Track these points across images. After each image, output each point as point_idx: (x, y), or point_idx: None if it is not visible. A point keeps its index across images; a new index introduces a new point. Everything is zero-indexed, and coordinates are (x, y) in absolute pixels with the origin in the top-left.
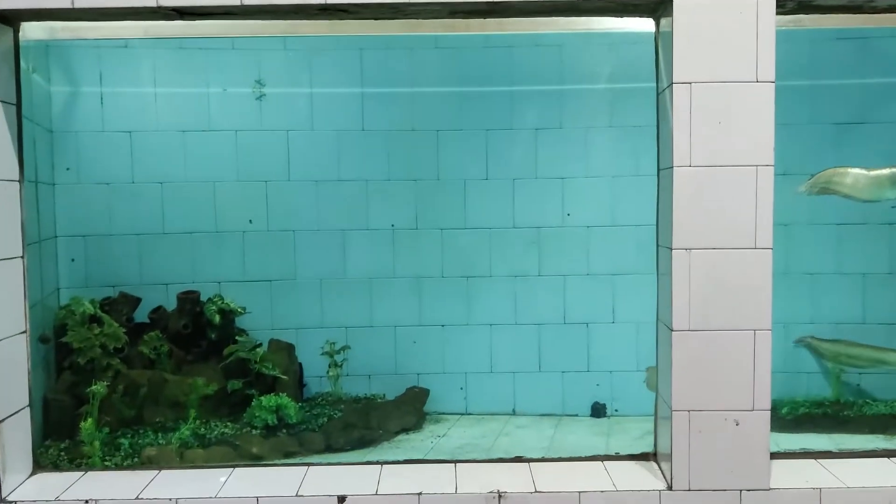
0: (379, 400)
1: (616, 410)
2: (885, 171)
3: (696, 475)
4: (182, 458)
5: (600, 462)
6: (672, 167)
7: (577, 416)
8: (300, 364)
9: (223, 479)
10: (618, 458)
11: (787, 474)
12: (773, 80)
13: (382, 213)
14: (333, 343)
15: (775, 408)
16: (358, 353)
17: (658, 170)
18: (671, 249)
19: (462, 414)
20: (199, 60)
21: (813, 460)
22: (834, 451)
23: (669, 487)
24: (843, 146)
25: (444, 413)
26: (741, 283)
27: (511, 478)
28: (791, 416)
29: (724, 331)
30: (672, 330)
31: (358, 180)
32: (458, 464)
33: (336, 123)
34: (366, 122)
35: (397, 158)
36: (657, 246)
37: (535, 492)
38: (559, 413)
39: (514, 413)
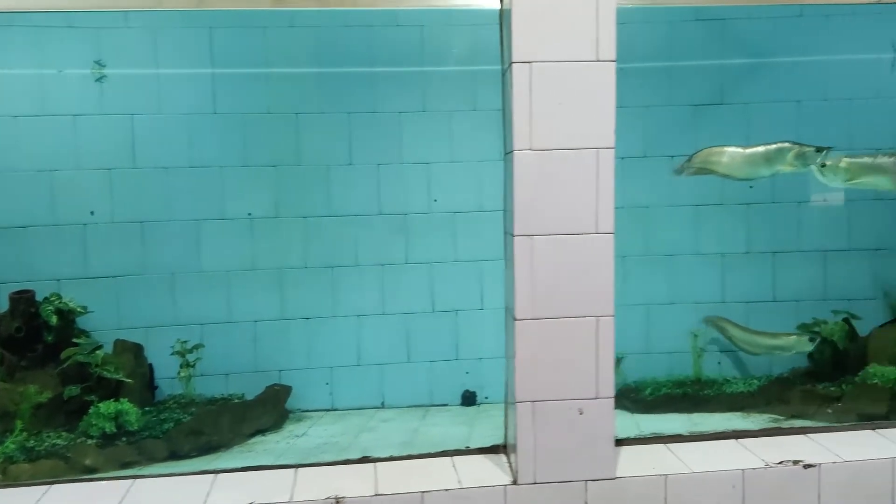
0: (236, 400)
1: (486, 398)
2: (760, 149)
3: (541, 468)
4: (5, 475)
5: (450, 458)
6: (513, 151)
7: (447, 405)
8: (150, 365)
9: (38, 497)
10: (468, 452)
11: (635, 461)
12: (614, 59)
13: (239, 201)
14: (185, 341)
15: (638, 389)
16: (215, 351)
17: (504, 154)
18: (514, 236)
19: (328, 410)
20: (30, 39)
21: (663, 445)
22: (685, 434)
23: (515, 482)
24: (701, 128)
25: (309, 410)
26: (583, 269)
27: (353, 480)
28: (653, 397)
29: (566, 318)
30: (515, 319)
31: (211, 166)
32: (299, 468)
33: (185, 106)
34: (218, 105)
35: (254, 143)
36: (504, 233)
37: (377, 494)
38: (428, 404)
39: (382, 406)
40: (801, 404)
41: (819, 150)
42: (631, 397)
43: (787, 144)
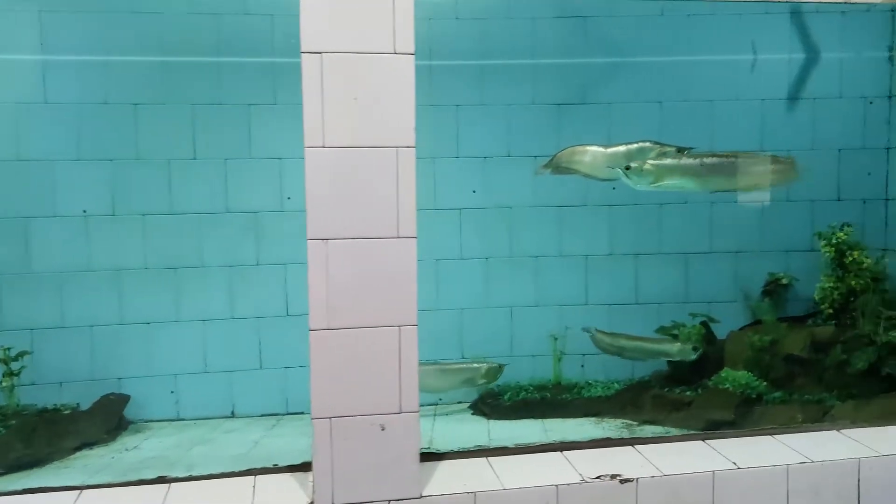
0: (66, 412)
1: None
2: (622, 148)
3: (340, 488)
4: None
5: (253, 477)
6: (305, 148)
7: (303, 413)
8: None
9: None
10: (276, 470)
11: (449, 478)
12: (413, 52)
13: (72, 198)
14: (8, 348)
15: (499, 394)
16: (47, 359)
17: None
18: (307, 240)
19: (173, 420)
20: None
21: (485, 459)
22: (510, 446)
23: (312, 503)
24: (564, 127)
25: (152, 420)
26: (384, 276)
27: None
28: (511, 402)
29: (366, 328)
30: (310, 329)
31: (42, 160)
32: (84, 490)
33: (12, 95)
34: (49, 94)
35: (88, 135)
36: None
37: None
38: (283, 412)
39: (232, 415)
40: (653, 410)
41: (681, 150)
42: (489, 403)
43: (648, 144)
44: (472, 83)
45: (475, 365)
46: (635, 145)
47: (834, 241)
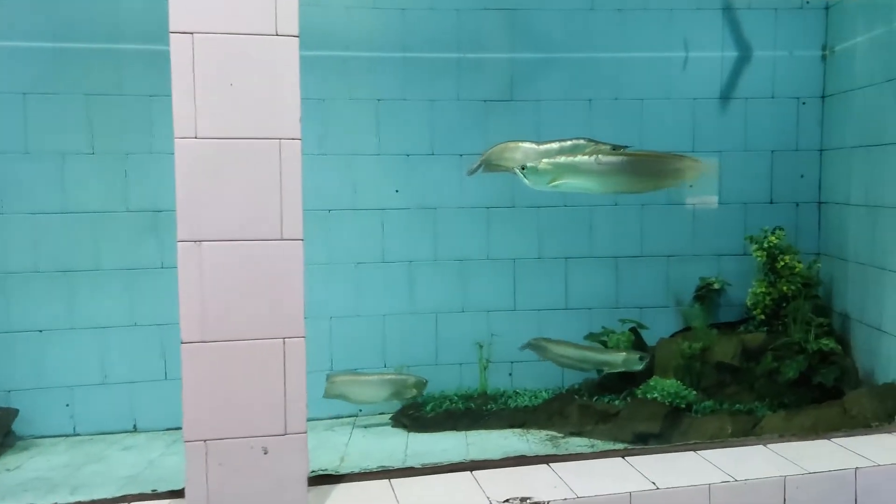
0: None
1: None
2: (555, 145)
3: None
4: None
5: None
6: (175, 139)
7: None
8: None
9: None
10: (153, 496)
11: (346, 502)
12: (297, 34)
13: None
14: None
15: (422, 405)
16: None
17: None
18: (178, 242)
19: (68, 436)
20: None
21: (387, 481)
22: (416, 466)
23: None
24: (490, 124)
25: (44, 436)
26: (266, 282)
27: None
28: (433, 413)
29: (245, 341)
30: (181, 342)
31: None
32: None
33: None
34: None
35: None
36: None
37: None
38: None
39: (134, 430)
40: (580, 421)
41: (616, 148)
42: (410, 415)
43: (582, 141)
44: (393, 77)
45: (402, 377)
46: (569, 142)
47: (765, 245)
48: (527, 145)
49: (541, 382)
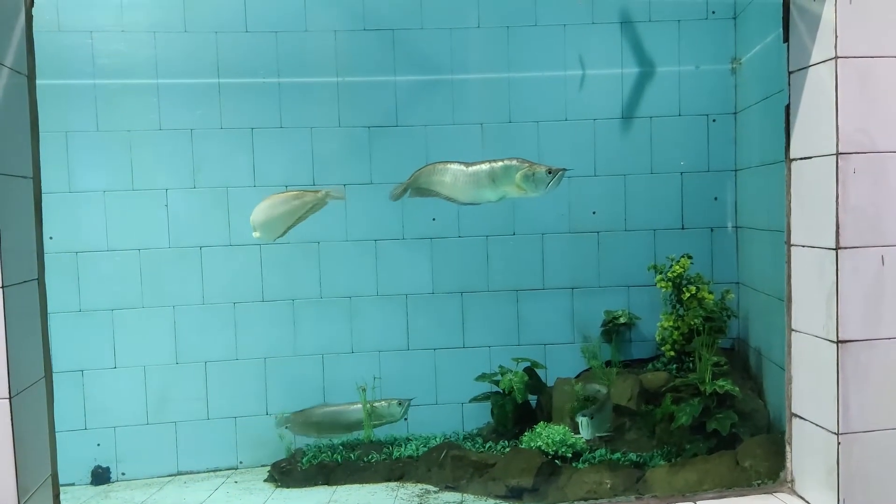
0: None
1: (123, 474)
2: (485, 167)
3: None
4: None
5: None
6: None
7: (72, 485)
8: None
9: None
10: None
11: None
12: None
13: None
14: None
15: (299, 457)
16: None
17: None
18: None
19: None
20: None
21: None
22: None
23: None
24: (375, 152)
25: None
26: None
27: None
28: (307, 465)
29: None
30: None
31: None
32: None
33: None
34: None
35: None
36: None
37: None
38: None
39: None
40: (454, 473)
41: (550, 171)
42: (282, 468)
43: (515, 162)
44: (268, 104)
45: (382, 402)
46: (500, 163)
47: (669, 274)
48: (455, 167)
49: (437, 427)
